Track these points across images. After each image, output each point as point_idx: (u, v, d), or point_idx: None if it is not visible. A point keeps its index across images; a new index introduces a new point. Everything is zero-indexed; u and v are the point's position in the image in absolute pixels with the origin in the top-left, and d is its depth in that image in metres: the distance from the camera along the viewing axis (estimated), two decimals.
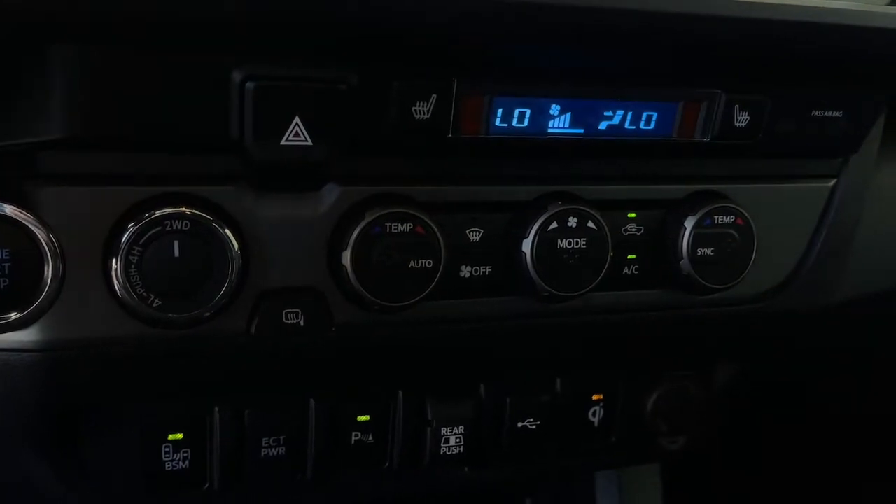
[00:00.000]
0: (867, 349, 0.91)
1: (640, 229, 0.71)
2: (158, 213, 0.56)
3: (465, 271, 0.67)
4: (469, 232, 0.66)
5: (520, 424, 0.78)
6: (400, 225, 0.61)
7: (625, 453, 0.84)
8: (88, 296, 0.56)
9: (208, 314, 0.58)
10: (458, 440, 0.75)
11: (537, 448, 0.80)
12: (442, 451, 0.75)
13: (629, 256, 0.72)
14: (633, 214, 0.71)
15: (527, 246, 0.65)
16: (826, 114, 0.72)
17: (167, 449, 0.68)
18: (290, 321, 0.62)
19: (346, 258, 0.60)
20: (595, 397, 0.81)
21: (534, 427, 0.78)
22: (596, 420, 0.82)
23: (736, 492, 1.19)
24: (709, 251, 0.70)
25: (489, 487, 0.80)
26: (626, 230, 0.71)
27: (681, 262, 0.70)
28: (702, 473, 1.10)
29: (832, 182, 0.78)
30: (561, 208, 0.65)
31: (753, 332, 0.79)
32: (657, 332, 0.75)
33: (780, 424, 1.13)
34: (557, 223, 0.66)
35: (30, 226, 0.54)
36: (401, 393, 0.73)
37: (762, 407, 1.03)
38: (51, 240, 0.54)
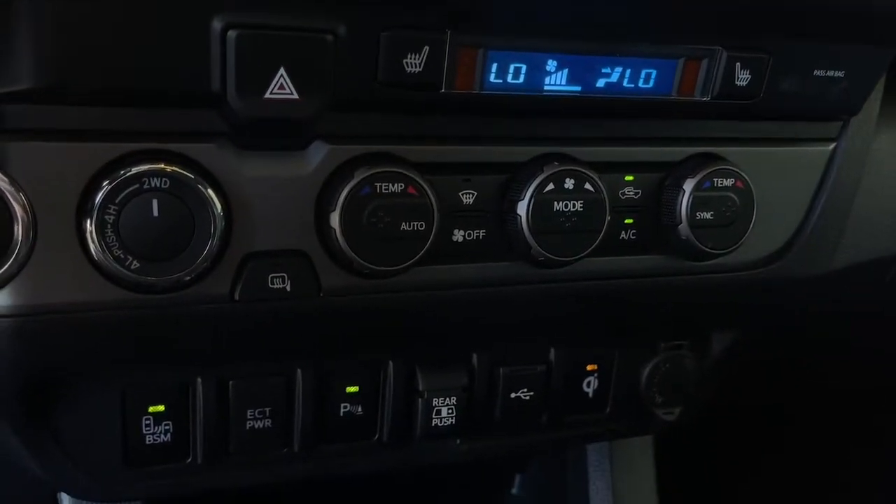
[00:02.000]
0: (863, 316, 0.89)
1: (638, 193, 0.69)
2: (135, 169, 0.53)
3: (458, 235, 0.64)
4: (462, 194, 0.64)
5: (513, 395, 0.76)
6: (391, 185, 0.58)
7: (619, 425, 0.82)
8: (62, 258, 0.53)
9: (189, 278, 0.55)
10: (449, 411, 0.73)
11: (531, 419, 0.78)
12: (433, 423, 0.72)
13: (626, 221, 0.69)
14: (631, 177, 0.69)
15: (522, 208, 0.63)
16: (828, 73, 0.70)
17: (148, 422, 0.65)
18: (275, 286, 0.59)
19: (335, 220, 0.58)
20: (589, 368, 0.79)
21: (527, 398, 0.76)
22: (590, 391, 0.80)
23: (728, 465, 1.18)
24: (708, 215, 0.68)
25: (481, 461, 0.78)
26: (623, 193, 0.69)
27: (679, 227, 0.68)
28: (694, 447, 1.09)
29: (832, 146, 0.76)
30: (557, 169, 0.63)
31: (751, 299, 0.77)
32: (654, 299, 0.73)
33: (770, 396, 1.11)
34: (554, 185, 0.63)
35: None
36: (391, 363, 0.71)
37: (755, 378, 1.01)
38: (21, 198, 0.51)
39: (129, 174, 0.52)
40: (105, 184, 0.52)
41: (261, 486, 0.70)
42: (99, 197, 0.52)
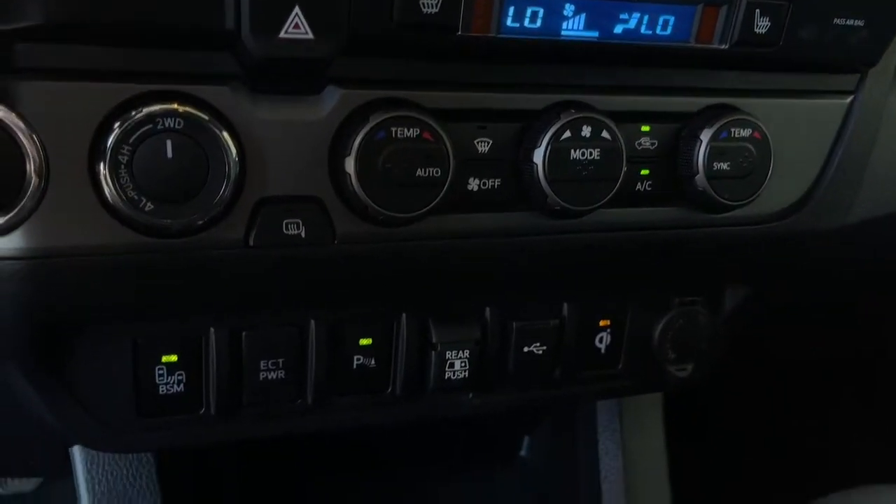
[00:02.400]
0: (874, 276, 0.89)
1: (654, 143, 0.68)
2: (149, 109, 0.52)
3: (473, 184, 0.64)
4: (477, 142, 0.63)
5: (526, 349, 0.75)
6: (406, 130, 0.58)
7: (631, 382, 0.82)
8: (75, 200, 0.53)
9: (202, 222, 0.55)
10: (462, 364, 0.73)
11: (543, 374, 0.77)
12: (446, 376, 0.72)
13: (642, 172, 0.69)
14: (647, 128, 0.68)
15: (538, 156, 0.62)
16: (847, 22, 0.68)
17: (161, 372, 0.65)
18: (290, 232, 0.58)
19: (350, 165, 0.57)
20: (602, 323, 0.79)
21: (540, 352, 0.76)
22: (603, 346, 0.80)
23: (735, 423, 1.18)
24: (725, 165, 0.68)
25: (493, 416, 0.78)
26: (639, 144, 0.68)
27: (696, 178, 0.68)
28: (704, 405, 1.09)
29: (849, 99, 0.75)
30: (575, 116, 0.62)
31: (766, 253, 0.77)
32: (669, 252, 0.73)
33: (779, 356, 1.11)
34: (571, 132, 0.62)
35: (9, 122, 0.50)
36: (404, 316, 0.71)
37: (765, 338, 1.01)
38: (33, 139, 0.51)
39: (142, 114, 0.52)
40: (118, 124, 0.52)
41: (273, 438, 0.70)
42: (112, 137, 0.51)
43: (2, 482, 1.41)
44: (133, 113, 0.52)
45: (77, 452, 0.79)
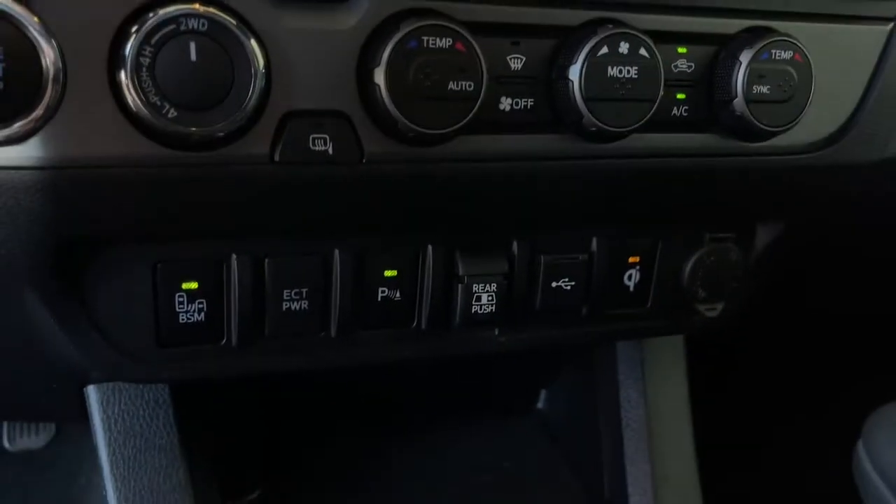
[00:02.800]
0: None
1: (691, 66, 0.65)
2: (169, 9, 0.49)
3: (505, 104, 0.61)
4: (510, 59, 0.60)
5: (553, 285, 0.73)
6: (439, 40, 0.55)
7: (660, 321, 0.80)
8: (94, 106, 0.50)
9: (226, 133, 0.52)
10: (489, 299, 0.70)
11: (571, 311, 0.75)
12: (473, 311, 0.70)
13: (678, 96, 0.66)
14: (684, 50, 0.65)
15: (574, 73, 0.59)
16: None
17: (181, 299, 0.63)
18: (317, 148, 0.56)
19: (380, 76, 0.54)
20: (632, 260, 0.77)
21: (568, 288, 0.74)
22: (631, 284, 0.78)
23: (758, 371, 1.16)
24: (764, 89, 0.65)
25: (515, 361, 0.76)
26: (675, 66, 0.65)
27: (734, 102, 0.65)
28: (727, 353, 1.07)
29: (890, 25, 0.72)
30: (612, 32, 0.59)
31: (802, 186, 0.74)
32: (702, 182, 0.70)
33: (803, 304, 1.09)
34: (608, 48, 0.60)
35: (26, 22, 0.48)
36: (430, 247, 0.68)
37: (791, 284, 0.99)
38: (50, 39, 0.48)
39: (163, 15, 0.49)
40: (139, 26, 0.49)
41: (295, 372, 0.68)
42: (134, 39, 0.49)
43: (10, 438, 1.40)
44: (153, 14, 0.49)
45: (92, 392, 0.77)
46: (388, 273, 0.68)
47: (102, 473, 0.76)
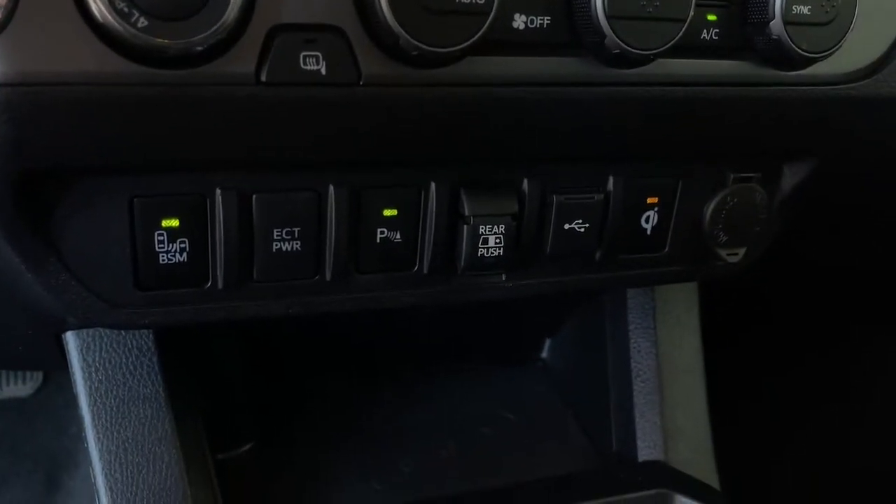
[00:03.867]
0: None
1: None
2: None
3: (520, 21, 0.55)
4: None
5: (566, 227, 0.68)
6: None
7: (677, 266, 0.75)
8: (54, 14, 0.44)
9: (205, 47, 0.46)
10: (497, 241, 0.65)
11: (583, 256, 0.70)
12: (479, 254, 0.65)
13: (709, 17, 0.60)
14: None
15: None
16: None
17: (160, 238, 0.57)
18: (308, 67, 0.50)
19: None
20: (650, 201, 0.71)
21: (581, 230, 0.68)
22: (649, 227, 0.72)
23: (771, 323, 1.13)
24: (805, 9, 0.59)
25: (526, 301, 0.71)
26: None
27: (770, 24, 0.59)
28: (739, 304, 1.03)
29: None
30: None
31: (839, 120, 0.68)
32: (732, 115, 0.64)
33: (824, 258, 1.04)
34: None
35: None
36: (433, 184, 0.63)
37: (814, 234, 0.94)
38: None
39: None
40: None
41: (286, 318, 0.63)
42: None
43: None
44: None
45: (71, 339, 0.72)
46: (387, 212, 0.63)
47: (84, 424, 0.72)
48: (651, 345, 0.92)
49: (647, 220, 0.72)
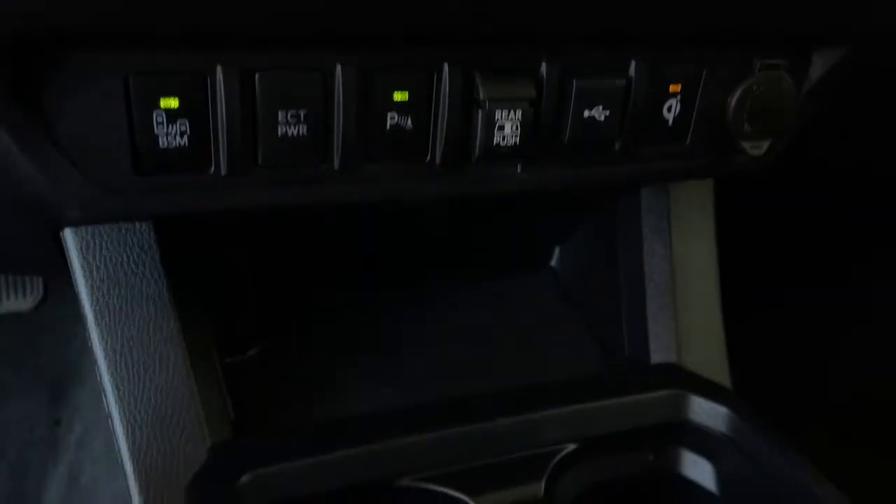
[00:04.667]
0: None
1: None
2: None
3: None
4: None
5: (586, 114, 0.64)
6: None
7: (699, 160, 0.72)
8: None
9: None
10: (513, 128, 0.62)
11: (602, 146, 0.67)
12: (495, 141, 0.61)
13: None
14: None
15: None
16: None
17: (159, 119, 0.54)
18: None
19: None
20: (672, 88, 0.68)
21: (601, 118, 0.65)
22: (671, 117, 0.69)
23: (787, 229, 1.11)
24: None
25: (538, 204, 0.69)
26: None
27: None
28: (755, 208, 1.01)
29: None
30: None
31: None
32: None
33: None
34: None
35: None
36: (446, 66, 0.59)
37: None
38: None
39: None
40: None
41: (293, 208, 0.61)
42: None
43: None
44: None
45: (70, 236, 0.70)
46: (397, 96, 0.59)
47: (87, 323, 0.70)
48: (665, 248, 0.90)
49: (669, 109, 0.69)
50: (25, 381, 1.37)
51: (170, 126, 0.54)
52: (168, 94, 0.53)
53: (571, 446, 0.75)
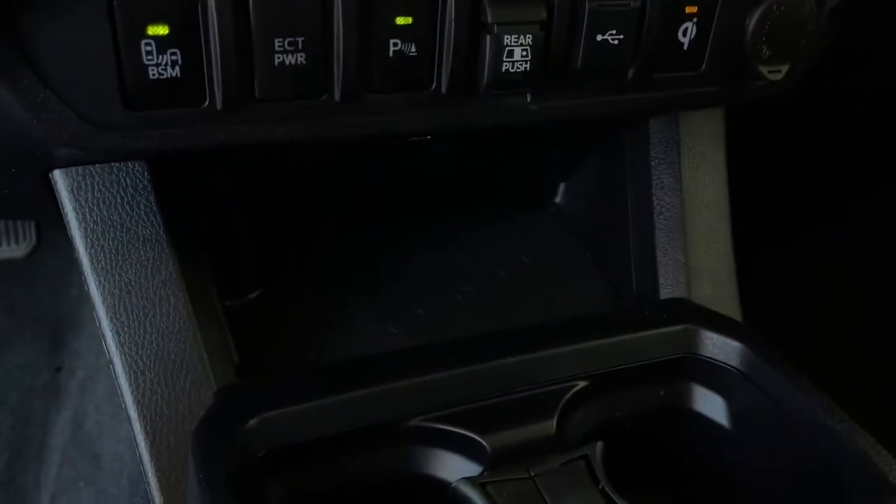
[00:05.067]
0: None
1: None
2: None
3: None
4: None
5: (599, 38, 0.61)
6: None
7: (714, 87, 0.69)
8: None
9: None
10: (523, 53, 0.59)
11: (616, 72, 0.64)
12: (503, 68, 0.58)
13: None
14: None
15: None
16: None
17: (148, 48, 0.51)
18: None
19: None
20: (688, 10, 0.64)
21: (615, 42, 0.62)
22: (686, 41, 0.66)
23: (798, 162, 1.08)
24: None
25: (549, 129, 0.66)
26: None
27: None
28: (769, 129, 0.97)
29: None
30: None
31: None
32: None
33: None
34: None
35: None
36: None
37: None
38: None
39: None
40: None
41: (292, 143, 0.58)
42: None
43: None
44: None
45: (60, 178, 0.67)
46: (400, 20, 0.56)
47: (83, 268, 0.68)
48: (675, 180, 0.88)
49: (684, 33, 0.65)
50: (24, 329, 1.36)
51: (160, 56, 0.51)
52: (156, 20, 0.50)
53: (582, 383, 0.74)
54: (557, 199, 1.05)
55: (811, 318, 1.28)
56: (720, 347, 0.77)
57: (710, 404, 0.77)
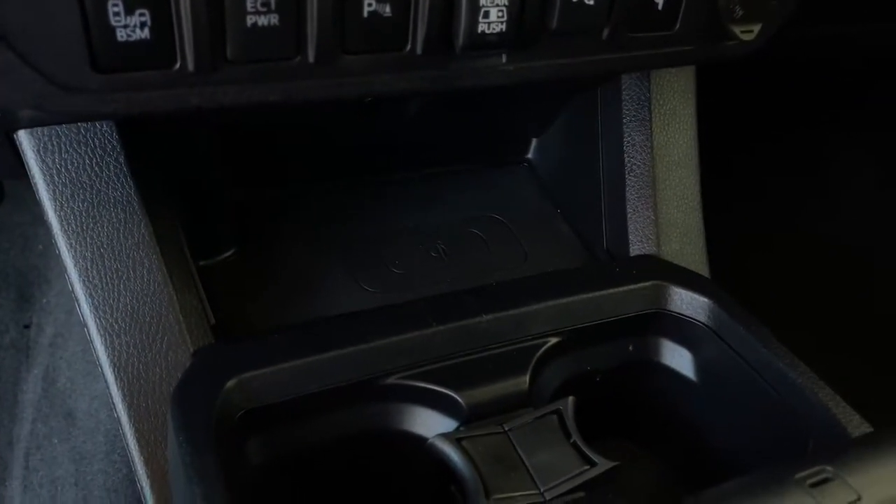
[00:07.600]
0: None
1: None
2: None
3: None
4: None
5: None
6: None
7: (688, 45, 0.69)
8: None
9: None
10: (499, 14, 0.58)
11: (590, 33, 0.64)
12: (479, 29, 0.58)
13: None
14: None
15: None
16: None
17: (115, 9, 0.49)
18: None
19: None
20: None
21: (590, 3, 0.61)
22: (660, 1, 0.66)
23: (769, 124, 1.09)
24: None
25: (526, 87, 0.66)
26: None
27: None
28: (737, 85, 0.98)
29: None
30: None
31: None
32: None
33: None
34: None
35: None
36: None
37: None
38: None
39: None
40: None
41: (266, 106, 0.57)
42: None
43: None
44: None
45: (25, 139, 0.65)
46: None
47: (52, 231, 0.67)
48: (645, 138, 0.88)
49: None
50: None
51: (128, 17, 0.50)
52: None
53: (554, 340, 0.75)
54: (529, 156, 1.06)
55: (776, 273, 1.31)
56: (688, 303, 0.79)
57: (678, 358, 0.79)
